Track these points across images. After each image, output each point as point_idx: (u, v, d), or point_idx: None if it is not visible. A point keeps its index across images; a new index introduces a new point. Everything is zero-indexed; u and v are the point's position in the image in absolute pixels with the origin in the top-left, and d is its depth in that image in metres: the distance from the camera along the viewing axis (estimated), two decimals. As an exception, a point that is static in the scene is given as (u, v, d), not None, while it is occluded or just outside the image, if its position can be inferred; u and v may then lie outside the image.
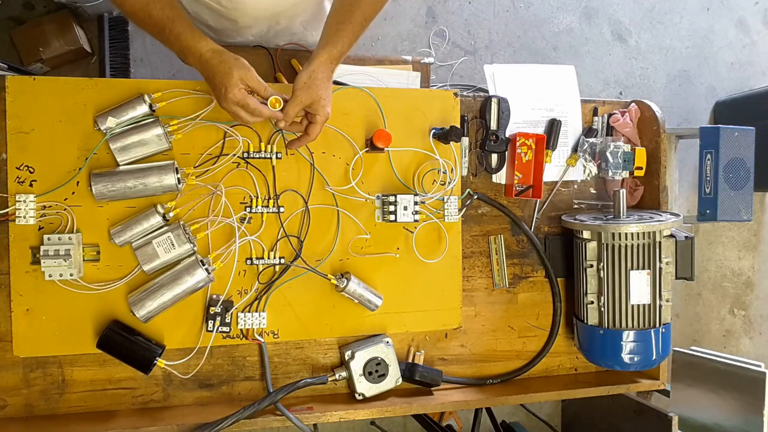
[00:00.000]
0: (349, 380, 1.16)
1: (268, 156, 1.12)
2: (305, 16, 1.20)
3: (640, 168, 1.33)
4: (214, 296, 1.10)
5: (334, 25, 1.02)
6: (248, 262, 1.12)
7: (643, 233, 1.18)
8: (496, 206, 1.29)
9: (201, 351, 1.11)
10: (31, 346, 1.04)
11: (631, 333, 1.20)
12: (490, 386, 1.27)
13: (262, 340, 1.14)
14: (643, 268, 1.19)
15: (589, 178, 1.36)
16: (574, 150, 1.34)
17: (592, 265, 1.23)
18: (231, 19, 1.16)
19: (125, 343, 1.05)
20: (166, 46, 0.99)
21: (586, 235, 1.23)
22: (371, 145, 1.15)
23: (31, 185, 1.03)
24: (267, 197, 1.13)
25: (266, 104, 0.97)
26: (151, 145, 1.04)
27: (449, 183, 1.22)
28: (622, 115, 1.36)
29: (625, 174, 1.33)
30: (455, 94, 1.24)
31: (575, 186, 1.36)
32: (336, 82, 1.18)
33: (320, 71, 0.99)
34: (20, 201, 1.02)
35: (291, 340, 1.17)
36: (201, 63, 0.97)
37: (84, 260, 1.05)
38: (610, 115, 1.37)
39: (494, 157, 1.29)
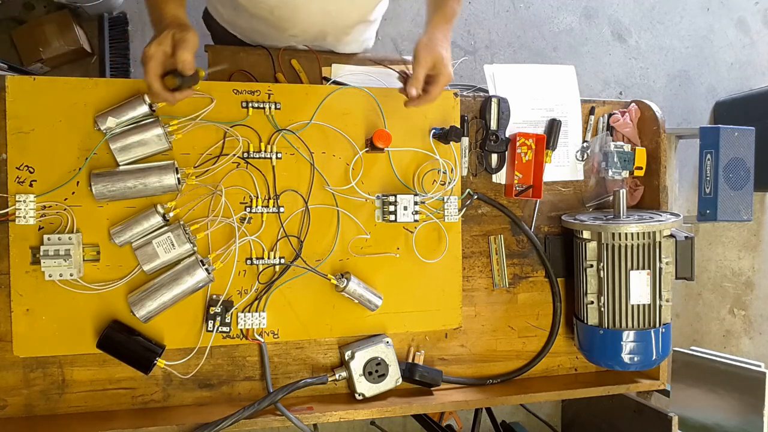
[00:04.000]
0: (349, 380, 1.16)
1: (268, 156, 1.12)
2: (348, 38, 1.22)
3: (640, 168, 1.33)
4: (214, 296, 1.10)
5: None
6: (248, 262, 1.12)
7: (643, 233, 1.18)
8: (496, 206, 1.29)
9: (201, 351, 1.11)
10: (31, 346, 1.04)
11: (631, 333, 1.20)
12: (490, 386, 1.27)
13: (262, 340, 1.14)
14: (643, 268, 1.19)
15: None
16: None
17: (592, 265, 1.23)
18: (280, 28, 1.19)
19: (125, 343, 1.05)
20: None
21: (586, 235, 1.23)
22: (371, 145, 1.14)
23: (31, 185, 1.03)
24: (267, 197, 1.13)
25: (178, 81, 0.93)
26: (151, 145, 1.04)
27: (449, 183, 1.22)
28: (622, 115, 1.36)
29: (625, 174, 1.33)
30: (455, 94, 1.24)
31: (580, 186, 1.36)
32: (336, 82, 1.18)
33: (437, 31, 1.03)
34: (20, 201, 1.01)
35: (291, 340, 1.17)
36: (161, 22, 0.94)
37: (84, 260, 1.05)
38: (610, 115, 1.37)
39: (494, 157, 1.28)
